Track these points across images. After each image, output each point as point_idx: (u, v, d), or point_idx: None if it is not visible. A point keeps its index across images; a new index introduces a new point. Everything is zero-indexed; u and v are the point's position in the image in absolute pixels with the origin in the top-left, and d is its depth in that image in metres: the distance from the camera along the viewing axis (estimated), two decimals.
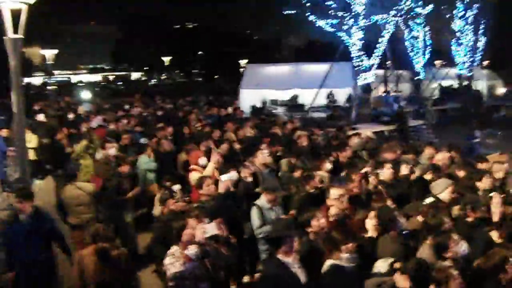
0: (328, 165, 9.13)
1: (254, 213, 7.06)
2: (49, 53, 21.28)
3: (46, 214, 6.80)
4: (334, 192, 6.72)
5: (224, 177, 7.38)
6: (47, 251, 6.75)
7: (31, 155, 15.36)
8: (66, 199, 8.12)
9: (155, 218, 7.69)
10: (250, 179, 8.22)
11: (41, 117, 18.27)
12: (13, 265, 6.28)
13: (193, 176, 8.95)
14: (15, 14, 6.39)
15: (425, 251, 5.26)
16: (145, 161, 10.86)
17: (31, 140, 15.36)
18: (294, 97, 26.65)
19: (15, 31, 6.36)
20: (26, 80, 74.22)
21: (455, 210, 6.55)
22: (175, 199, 7.14)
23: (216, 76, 64.96)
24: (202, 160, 9.34)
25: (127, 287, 5.78)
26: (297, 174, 8.57)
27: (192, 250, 5.29)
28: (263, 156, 9.39)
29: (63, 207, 8.19)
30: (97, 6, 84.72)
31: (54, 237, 6.80)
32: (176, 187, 7.73)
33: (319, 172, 8.75)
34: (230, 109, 20.56)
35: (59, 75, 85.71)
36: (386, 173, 8.03)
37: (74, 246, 7.69)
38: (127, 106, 22.48)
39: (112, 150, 10.59)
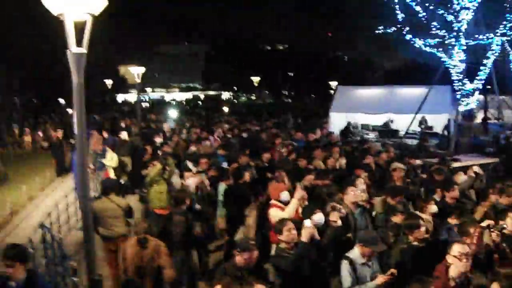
0: (433, 207, 7.73)
1: (345, 269, 5.79)
2: (138, 71, 21.10)
3: (42, 282, 5.63)
4: (456, 248, 5.34)
5: (308, 223, 6.19)
6: None
7: (112, 174, 15.12)
8: (98, 210, 8.40)
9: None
10: (339, 222, 6.92)
11: (124, 135, 18.02)
12: None
13: (272, 213, 7.86)
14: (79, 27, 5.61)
15: None
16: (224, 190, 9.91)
17: (112, 158, 15.04)
18: (387, 122, 25.01)
19: (79, 44, 5.57)
20: (122, 96, 77.32)
21: None
22: None
23: (305, 98, 63.95)
24: (284, 195, 8.14)
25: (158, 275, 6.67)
26: (396, 219, 7.16)
27: None
28: (355, 193, 8.10)
29: (95, 218, 7.97)
30: (189, 27, 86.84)
31: None
32: None
33: (422, 216, 7.38)
34: (319, 133, 19.32)
35: (152, 93, 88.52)
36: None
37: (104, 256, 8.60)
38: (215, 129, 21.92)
39: (189, 180, 9.61)
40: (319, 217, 6.67)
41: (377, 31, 22.23)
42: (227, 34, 79.49)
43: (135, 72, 21.71)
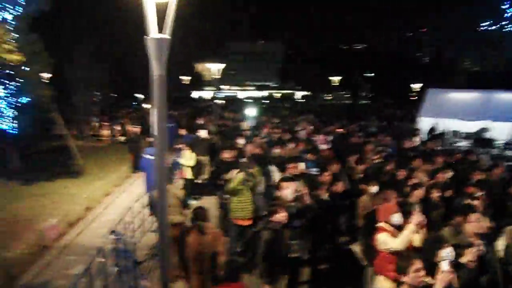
0: None
1: None
2: (216, 67, 20.38)
3: None
4: None
5: (446, 265, 4.84)
6: None
7: (188, 174, 14.31)
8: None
9: None
10: (474, 263, 5.45)
11: (203, 133, 17.08)
12: None
13: (381, 239, 6.52)
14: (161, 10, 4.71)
15: None
16: None
17: (191, 158, 14.29)
18: (482, 130, 22.74)
19: (160, 30, 4.65)
20: (197, 94, 77.75)
21: None
22: None
23: (385, 100, 61.41)
24: (396, 218, 6.74)
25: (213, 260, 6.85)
26: None
27: None
28: (477, 221, 6.62)
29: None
30: (266, 25, 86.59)
31: None
32: None
33: None
34: (417, 140, 17.54)
35: (227, 91, 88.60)
36: None
37: None
38: (298, 128, 20.69)
39: (287, 190, 8.17)
40: (448, 252, 5.30)
41: (481, 28, 20.22)
42: (305, 33, 78.09)
43: (215, 68, 21.01)
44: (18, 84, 15.55)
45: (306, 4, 76.26)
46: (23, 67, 15.48)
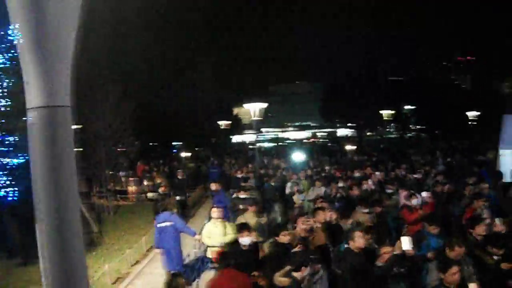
0: None
1: None
2: (255, 108, 17.17)
3: None
4: None
5: None
6: None
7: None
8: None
9: None
10: None
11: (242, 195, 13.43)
12: None
13: None
14: None
15: None
16: None
17: (223, 233, 9.85)
18: None
19: None
20: (238, 138, 74.82)
21: None
22: None
23: (435, 132, 56.87)
24: None
25: None
26: None
27: None
28: None
29: None
30: (302, 65, 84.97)
31: None
32: None
33: None
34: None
35: (268, 133, 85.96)
36: None
37: None
38: (357, 174, 17.03)
39: None
40: None
41: None
42: (340, 70, 75.07)
43: (255, 108, 17.79)
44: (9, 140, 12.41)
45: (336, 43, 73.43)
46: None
